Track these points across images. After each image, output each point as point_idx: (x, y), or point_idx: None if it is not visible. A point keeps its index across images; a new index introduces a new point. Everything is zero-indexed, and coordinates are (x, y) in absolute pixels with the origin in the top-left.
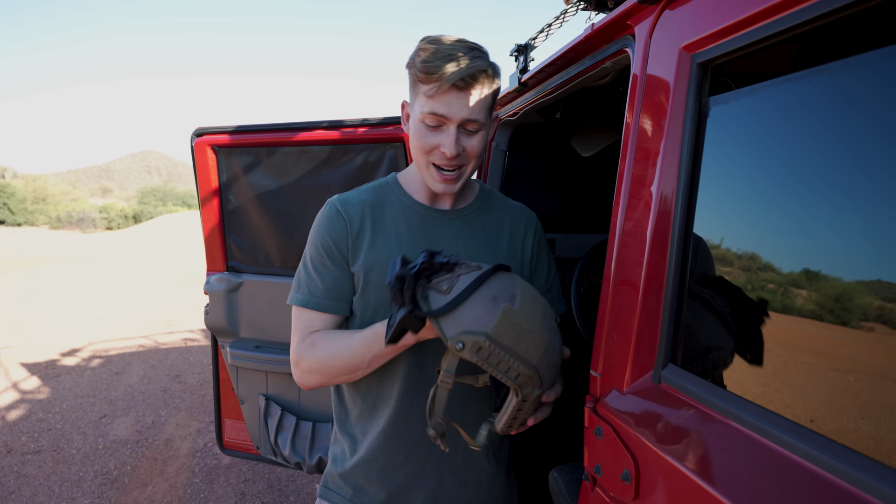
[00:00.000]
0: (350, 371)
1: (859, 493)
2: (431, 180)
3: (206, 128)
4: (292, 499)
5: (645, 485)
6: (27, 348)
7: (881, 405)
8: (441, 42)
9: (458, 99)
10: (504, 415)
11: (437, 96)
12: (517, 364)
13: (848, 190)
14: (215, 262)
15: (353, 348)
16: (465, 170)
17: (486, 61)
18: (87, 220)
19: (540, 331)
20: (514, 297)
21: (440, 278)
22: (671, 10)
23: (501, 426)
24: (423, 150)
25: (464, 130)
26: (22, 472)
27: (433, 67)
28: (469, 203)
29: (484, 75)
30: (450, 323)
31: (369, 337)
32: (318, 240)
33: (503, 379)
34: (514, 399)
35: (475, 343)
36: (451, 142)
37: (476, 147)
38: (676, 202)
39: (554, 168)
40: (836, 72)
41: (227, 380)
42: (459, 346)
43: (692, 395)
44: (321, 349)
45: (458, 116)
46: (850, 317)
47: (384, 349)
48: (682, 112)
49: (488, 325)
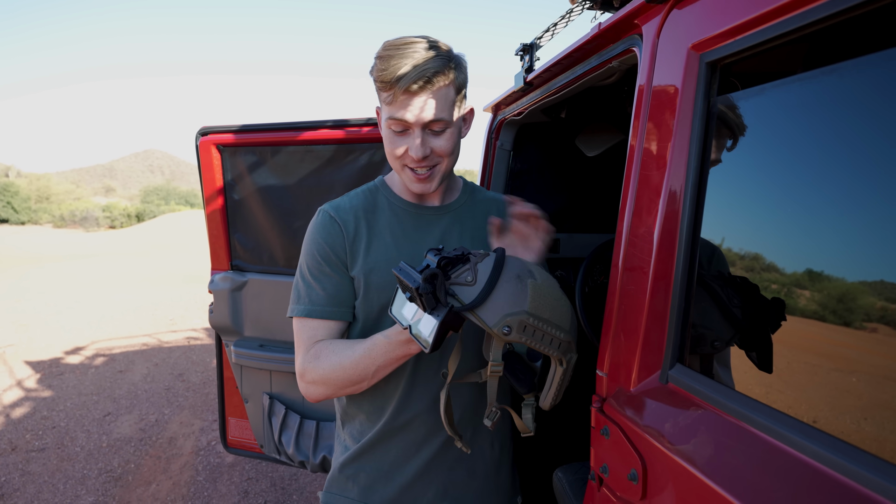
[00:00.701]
0: (355, 383)
1: (869, 493)
2: (409, 182)
3: (210, 127)
4: (295, 497)
5: (653, 485)
6: (31, 346)
7: (884, 406)
8: (393, 47)
9: (415, 102)
10: (552, 387)
11: (394, 102)
12: (558, 332)
13: (851, 191)
14: (220, 260)
15: (357, 360)
16: (440, 168)
17: (440, 59)
18: (90, 218)
19: (563, 297)
20: (532, 272)
21: (459, 271)
22: (679, 9)
23: (550, 400)
24: (393, 156)
25: (429, 131)
26: (26, 469)
27: (386, 75)
28: (456, 198)
29: (438, 74)
30: (489, 311)
31: (369, 346)
32: (315, 248)
33: (547, 351)
34: (558, 369)
35: (520, 323)
36: (416, 145)
37: (444, 146)
38: (685, 202)
39: (558, 168)
40: (842, 73)
41: (231, 378)
42: (506, 330)
43: (700, 394)
44: (324, 360)
45: (419, 120)
46: (853, 317)
47: (388, 359)
48: (690, 112)
49: (525, 303)
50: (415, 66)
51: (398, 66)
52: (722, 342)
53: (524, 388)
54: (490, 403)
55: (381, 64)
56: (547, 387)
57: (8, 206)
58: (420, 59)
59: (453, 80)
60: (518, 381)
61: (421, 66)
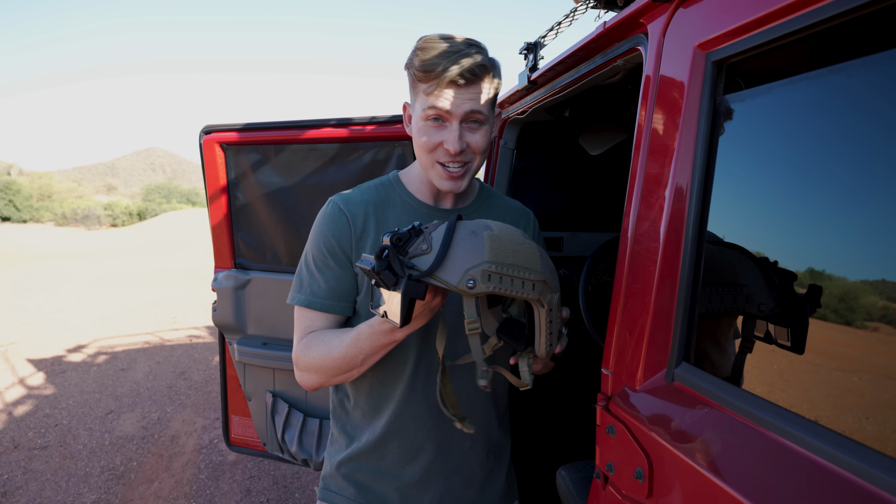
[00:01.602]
0: (344, 371)
1: (876, 490)
2: (438, 179)
3: (214, 125)
4: (297, 495)
5: (659, 483)
6: (33, 344)
7: (885, 405)
8: (438, 40)
9: (458, 94)
10: (541, 333)
11: (437, 93)
12: (528, 273)
13: (854, 190)
14: (223, 259)
15: (343, 349)
16: (471, 166)
17: (486, 57)
18: (91, 217)
19: (527, 241)
20: (489, 226)
21: (414, 244)
22: (685, 8)
23: (543, 347)
24: (426, 149)
25: (466, 126)
26: (29, 467)
27: (432, 65)
28: (470, 203)
29: (483, 70)
30: (448, 271)
31: (355, 336)
32: (321, 239)
33: (522, 294)
34: (541, 311)
35: (483, 273)
36: (454, 137)
37: (480, 142)
38: (690, 200)
39: (562, 166)
40: (847, 72)
41: (234, 376)
42: (471, 283)
43: (706, 393)
44: (314, 349)
45: (460, 111)
46: (855, 316)
47: (373, 347)
48: (696, 110)
49: (483, 254)
50: (462, 58)
51: (445, 57)
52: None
53: (520, 344)
54: (478, 365)
55: (423, 55)
56: (537, 334)
57: (10, 204)
58: (465, 54)
59: (494, 82)
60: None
61: (470, 60)
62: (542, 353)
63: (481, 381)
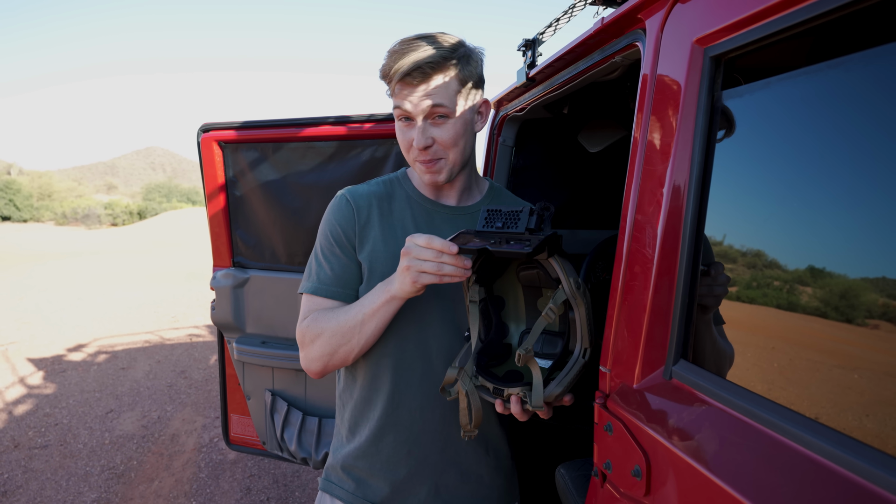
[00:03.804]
0: (345, 339)
1: (876, 488)
2: (420, 173)
3: (212, 123)
4: (297, 494)
5: (657, 480)
6: (33, 344)
7: (886, 403)
8: (401, 42)
9: (412, 92)
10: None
11: (396, 94)
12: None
13: (854, 187)
14: (221, 257)
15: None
16: (447, 160)
17: (440, 52)
18: (92, 216)
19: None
20: None
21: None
22: (683, 3)
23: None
24: (404, 148)
25: (432, 121)
26: (29, 466)
27: (386, 68)
28: (477, 201)
29: (434, 65)
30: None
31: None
32: (328, 228)
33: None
34: (581, 360)
35: (584, 288)
36: (417, 135)
37: (445, 136)
38: (688, 197)
39: (561, 164)
40: (847, 67)
41: (233, 375)
42: (578, 285)
43: (704, 390)
44: (318, 321)
45: (418, 108)
46: (855, 314)
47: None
48: (694, 106)
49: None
50: (413, 59)
51: (398, 58)
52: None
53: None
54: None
55: (386, 58)
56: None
57: (10, 203)
58: (420, 53)
59: (456, 73)
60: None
61: (418, 60)
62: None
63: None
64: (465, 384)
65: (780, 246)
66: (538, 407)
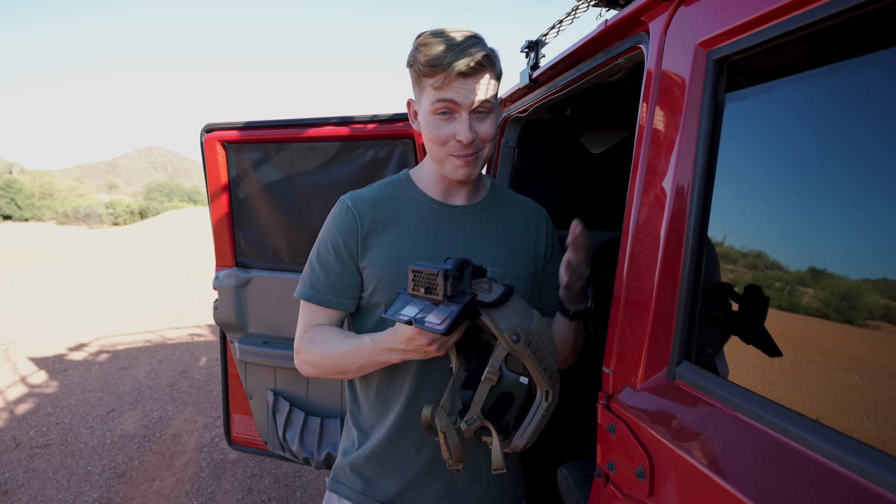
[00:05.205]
0: (340, 373)
1: (877, 489)
2: (452, 170)
3: (215, 124)
4: (299, 494)
5: (660, 481)
6: (34, 343)
7: (887, 403)
8: (440, 35)
9: (465, 85)
10: (532, 423)
11: (444, 86)
12: (553, 363)
13: (856, 189)
14: (224, 257)
15: (343, 354)
16: (482, 154)
17: (486, 47)
18: (93, 215)
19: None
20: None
21: (478, 280)
22: (687, 6)
23: (526, 439)
24: (438, 142)
25: (475, 116)
26: (30, 465)
27: (437, 60)
28: (481, 199)
29: (487, 60)
30: (502, 316)
31: (356, 346)
32: (328, 236)
33: (541, 376)
34: (543, 404)
35: (528, 336)
36: (464, 128)
37: (488, 130)
38: (692, 199)
39: (563, 165)
40: (849, 70)
41: (235, 375)
42: (515, 338)
43: (707, 391)
44: (316, 346)
45: (469, 101)
46: (856, 315)
47: (370, 361)
48: (697, 109)
49: (531, 323)
50: (467, 51)
51: (450, 50)
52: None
53: (498, 426)
54: (474, 410)
55: (427, 50)
56: (527, 422)
57: (12, 202)
58: (470, 47)
59: (494, 69)
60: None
61: (474, 51)
62: (518, 446)
63: (463, 425)
64: (441, 421)
65: (781, 247)
66: (499, 469)
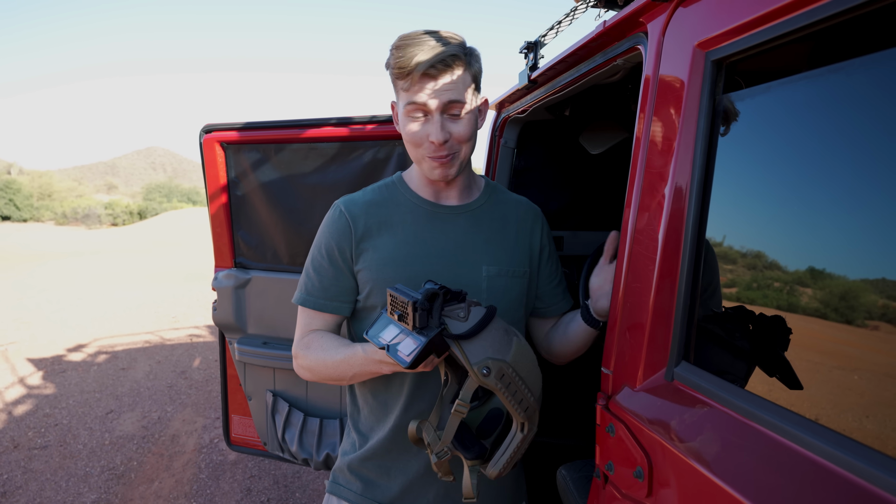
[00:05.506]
0: (335, 379)
1: (876, 490)
2: (429, 170)
3: (214, 124)
4: (298, 495)
5: (658, 482)
6: (33, 344)
7: (886, 404)
8: (409, 37)
9: (433, 86)
10: (506, 453)
11: (412, 88)
12: (529, 395)
13: (855, 189)
14: (223, 258)
15: (336, 361)
16: (459, 155)
17: (455, 46)
18: (92, 216)
19: (538, 369)
20: (516, 333)
21: (454, 306)
22: (685, 7)
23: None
24: (413, 144)
25: (448, 116)
26: (29, 466)
27: (404, 62)
28: (475, 198)
29: (454, 59)
30: (474, 348)
31: (349, 355)
32: (322, 241)
33: (515, 408)
34: (518, 434)
35: (500, 369)
36: (436, 129)
37: (462, 131)
38: (690, 199)
39: (562, 165)
40: (847, 71)
41: (234, 376)
42: (485, 371)
43: (705, 392)
44: (312, 353)
45: (437, 102)
46: (855, 315)
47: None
48: (695, 109)
49: (508, 354)
50: (432, 51)
51: (416, 52)
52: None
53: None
54: (444, 441)
55: (398, 53)
56: (501, 451)
57: (10, 203)
58: (436, 46)
59: (468, 67)
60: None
61: (437, 52)
62: (492, 474)
63: (433, 458)
64: (429, 436)
65: (780, 247)
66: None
